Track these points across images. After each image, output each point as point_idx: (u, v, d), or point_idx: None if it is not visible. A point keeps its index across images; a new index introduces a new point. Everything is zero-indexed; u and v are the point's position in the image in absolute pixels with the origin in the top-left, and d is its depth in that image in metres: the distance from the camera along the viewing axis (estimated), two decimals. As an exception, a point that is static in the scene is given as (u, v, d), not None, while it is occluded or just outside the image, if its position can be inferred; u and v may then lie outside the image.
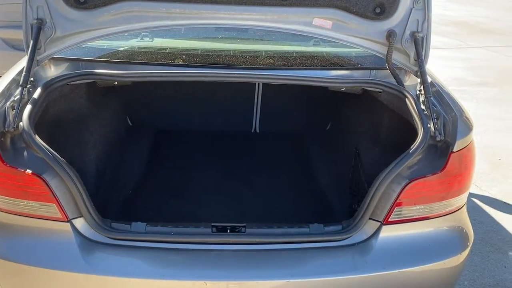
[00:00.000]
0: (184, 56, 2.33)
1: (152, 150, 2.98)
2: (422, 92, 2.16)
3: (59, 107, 2.27)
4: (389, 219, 1.93)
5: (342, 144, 2.87)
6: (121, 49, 2.39)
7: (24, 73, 1.99)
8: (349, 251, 1.94)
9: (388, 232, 1.94)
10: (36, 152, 1.84)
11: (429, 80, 2.18)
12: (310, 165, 2.91)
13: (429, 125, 1.96)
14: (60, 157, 1.84)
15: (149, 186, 2.65)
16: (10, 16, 4.09)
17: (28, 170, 1.82)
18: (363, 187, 2.43)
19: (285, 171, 2.86)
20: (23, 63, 2.33)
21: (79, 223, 1.88)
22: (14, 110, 1.89)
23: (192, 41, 2.46)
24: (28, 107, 1.93)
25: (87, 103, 2.52)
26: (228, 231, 1.95)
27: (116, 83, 2.21)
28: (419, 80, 2.22)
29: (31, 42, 2.07)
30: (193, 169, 2.83)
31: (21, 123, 1.87)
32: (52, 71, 2.29)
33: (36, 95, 2.00)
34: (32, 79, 2.10)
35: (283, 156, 3.02)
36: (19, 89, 1.99)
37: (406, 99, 2.12)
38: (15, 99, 1.95)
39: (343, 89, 2.29)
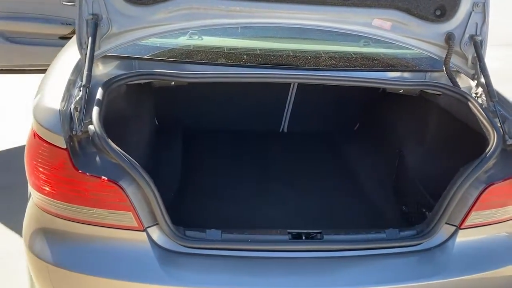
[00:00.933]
0: (244, 56, 2.24)
1: (183, 150, 2.88)
2: (479, 95, 2.18)
3: (113, 108, 2.16)
4: (465, 224, 1.93)
5: (380, 145, 2.85)
6: (174, 47, 2.28)
7: (86, 72, 1.86)
8: (426, 256, 1.92)
9: (464, 237, 1.93)
10: (110, 157, 1.73)
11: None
12: (348, 166, 2.87)
13: None
14: (135, 162, 1.73)
15: (193, 189, 2.56)
16: (4, 7, 3.87)
17: (104, 176, 1.71)
18: (415, 190, 2.42)
19: (325, 173, 2.82)
20: (64, 61, 2.20)
21: (154, 231, 1.78)
22: (78, 112, 1.78)
23: (248, 40, 2.39)
24: (95, 109, 1.81)
25: (129, 103, 2.40)
26: (304, 237, 1.90)
27: (173, 83, 2.11)
28: (473, 83, 2.24)
29: (89, 39, 1.94)
30: (232, 171, 2.75)
31: (90, 126, 1.76)
32: (101, 70, 2.17)
33: (99, 95, 1.88)
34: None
35: (317, 157, 2.98)
36: (81, 89, 1.86)
37: (469, 103, 2.12)
38: (77, 100, 1.83)
39: (401, 91, 2.27)
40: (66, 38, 3.63)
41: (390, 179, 2.66)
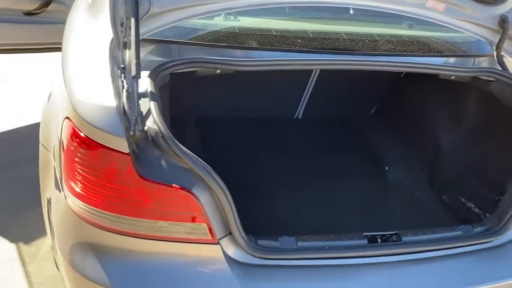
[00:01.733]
0: (299, 40, 2.01)
1: (201, 141, 2.62)
2: None
3: None
4: None
5: (406, 131, 2.72)
6: (216, 30, 2.01)
7: (134, 60, 1.58)
8: (503, 253, 1.82)
9: None
10: (178, 160, 1.48)
11: None
12: (374, 155, 2.73)
13: None
14: (208, 166, 1.49)
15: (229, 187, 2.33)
16: None
17: (175, 184, 1.46)
18: (458, 179, 2.32)
19: (354, 163, 2.66)
20: (83, 44, 1.90)
21: (226, 243, 1.56)
22: (131, 109, 1.51)
23: (297, 22, 2.15)
24: (153, 104, 1.54)
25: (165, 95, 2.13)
26: (379, 240, 1.74)
27: (218, 71, 1.85)
28: None
29: (132, 20, 1.65)
30: (260, 164, 2.53)
31: (150, 125, 1.50)
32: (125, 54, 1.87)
33: (150, 87, 1.61)
34: (123, 66, 1.70)
35: (341, 145, 2.81)
36: (130, 81, 1.59)
37: None
38: (128, 94, 1.55)
39: (453, 77, 2.14)
40: (32, 14, 3.21)
41: (425, 168, 2.54)
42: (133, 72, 1.56)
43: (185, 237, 1.52)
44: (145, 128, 1.50)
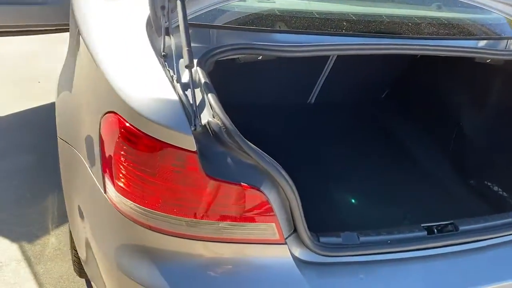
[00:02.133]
0: (344, 23, 1.90)
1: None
2: None
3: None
4: None
5: (422, 114, 2.67)
6: (254, 12, 1.88)
7: (186, 48, 1.45)
8: None
9: None
10: (244, 157, 1.37)
11: None
12: (393, 139, 2.67)
13: None
14: (275, 162, 1.39)
15: None
16: None
17: (243, 182, 1.35)
18: (484, 162, 2.29)
19: (376, 148, 2.59)
20: (112, 29, 1.75)
21: (291, 242, 1.46)
22: (190, 102, 1.38)
23: (338, 5, 2.03)
24: (212, 96, 1.42)
25: None
26: (435, 231, 1.69)
27: (260, 57, 1.73)
28: None
29: (179, 3, 1.51)
30: (286, 152, 2.42)
31: (211, 120, 1.38)
32: (167, 41, 1.73)
33: (203, 77, 1.48)
34: (164, 53, 1.57)
35: (359, 130, 2.74)
36: (176, 70, 1.46)
37: None
38: (181, 84, 1.42)
39: (488, 61, 2.09)
40: None
41: (447, 152, 2.51)
42: (186, 61, 1.43)
43: (252, 238, 1.41)
44: (204, 122, 1.38)
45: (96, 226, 1.60)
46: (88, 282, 2.37)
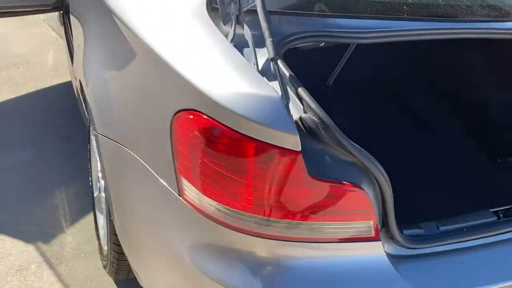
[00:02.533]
0: (404, 7, 1.81)
1: None
2: None
3: None
4: None
5: (441, 93, 2.67)
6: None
7: (269, 39, 1.36)
8: None
9: None
10: (342, 153, 1.32)
11: None
12: (418, 118, 2.65)
13: None
14: (372, 157, 1.34)
15: None
16: None
17: (345, 181, 1.30)
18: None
19: (406, 127, 2.56)
20: (164, 16, 1.63)
21: (383, 238, 1.43)
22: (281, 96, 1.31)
23: None
24: (301, 89, 1.35)
25: None
26: (501, 215, 1.69)
27: (322, 44, 1.66)
28: None
29: None
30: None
31: (303, 115, 1.31)
32: (224, 28, 1.63)
33: (284, 67, 1.40)
34: (233, 43, 1.48)
35: (385, 110, 2.69)
36: (256, 62, 1.38)
37: None
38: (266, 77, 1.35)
39: None
40: None
41: (470, 130, 2.52)
42: (271, 54, 1.36)
43: (347, 237, 1.37)
44: (296, 118, 1.31)
45: (167, 227, 1.51)
46: (117, 282, 2.27)
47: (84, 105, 2.41)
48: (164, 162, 1.49)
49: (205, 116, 1.31)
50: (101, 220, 2.35)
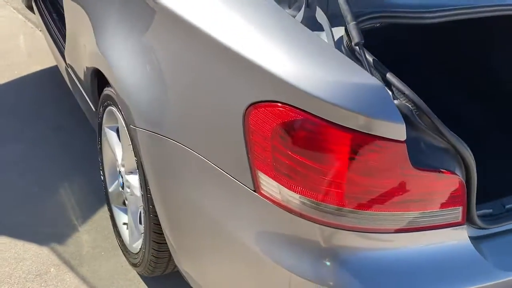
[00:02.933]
0: None
1: None
2: None
3: None
4: None
5: (462, 77, 2.65)
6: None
7: (353, 22, 1.30)
8: None
9: None
10: (436, 140, 1.28)
11: None
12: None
13: None
14: (464, 142, 1.31)
15: None
16: None
17: (442, 168, 1.27)
18: None
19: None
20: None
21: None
22: None
23: None
24: (390, 74, 1.30)
25: None
26: None
27: (378, 24, 1.60)
28: None
29: None
30: None
31: (396, 101, 1.26)
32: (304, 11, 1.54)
33: (369, 55, 1.34)
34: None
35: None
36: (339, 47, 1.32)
37: None
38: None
39: None
40: None
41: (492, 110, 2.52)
42: (355, 38, 1.29)
43: (435, 225, 1.34)
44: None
45: (236, 223, 1.44)
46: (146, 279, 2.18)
47: (89, 95, 2.28)
48: (233, 158, 1.40)
49: (292, 109, 1.24)
50: (121, 217, 2.24)
